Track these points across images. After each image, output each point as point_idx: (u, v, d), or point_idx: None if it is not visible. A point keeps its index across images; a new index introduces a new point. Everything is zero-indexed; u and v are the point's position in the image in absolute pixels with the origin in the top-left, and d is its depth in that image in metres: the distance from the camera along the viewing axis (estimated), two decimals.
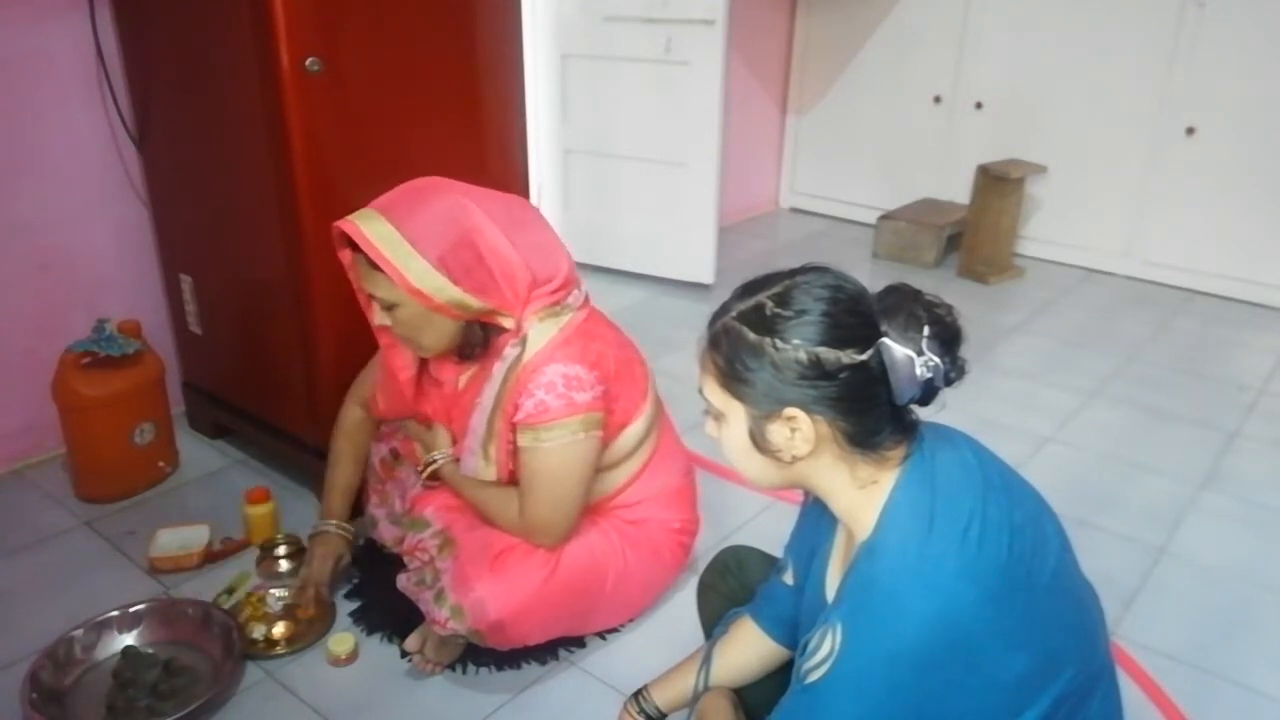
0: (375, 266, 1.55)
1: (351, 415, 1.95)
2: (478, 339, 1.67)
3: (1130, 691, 1.74)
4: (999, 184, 3.81)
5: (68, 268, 2.37)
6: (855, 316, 1.03)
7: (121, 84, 2.33)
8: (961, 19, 4.10)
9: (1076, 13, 3.81)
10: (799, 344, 1.01)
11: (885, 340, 1.01)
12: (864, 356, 1.01)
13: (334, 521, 1.93)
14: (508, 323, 1.64)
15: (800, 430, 1.04)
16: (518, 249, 1.61)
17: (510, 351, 1.64)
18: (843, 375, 1.01)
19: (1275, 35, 3.43)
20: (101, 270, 2.44)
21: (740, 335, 1.05)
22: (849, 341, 1.01)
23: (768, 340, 1.03)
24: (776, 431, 1.06)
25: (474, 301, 1.58)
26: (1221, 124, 3.61)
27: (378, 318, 1.64)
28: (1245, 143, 3.57)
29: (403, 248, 1.53)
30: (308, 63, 1.84)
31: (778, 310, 1.03)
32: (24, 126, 2.23)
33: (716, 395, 1.10)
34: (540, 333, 1.63)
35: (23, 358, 2.32)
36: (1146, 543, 2.21)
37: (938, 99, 4.26)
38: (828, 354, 1.01)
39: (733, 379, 1.06)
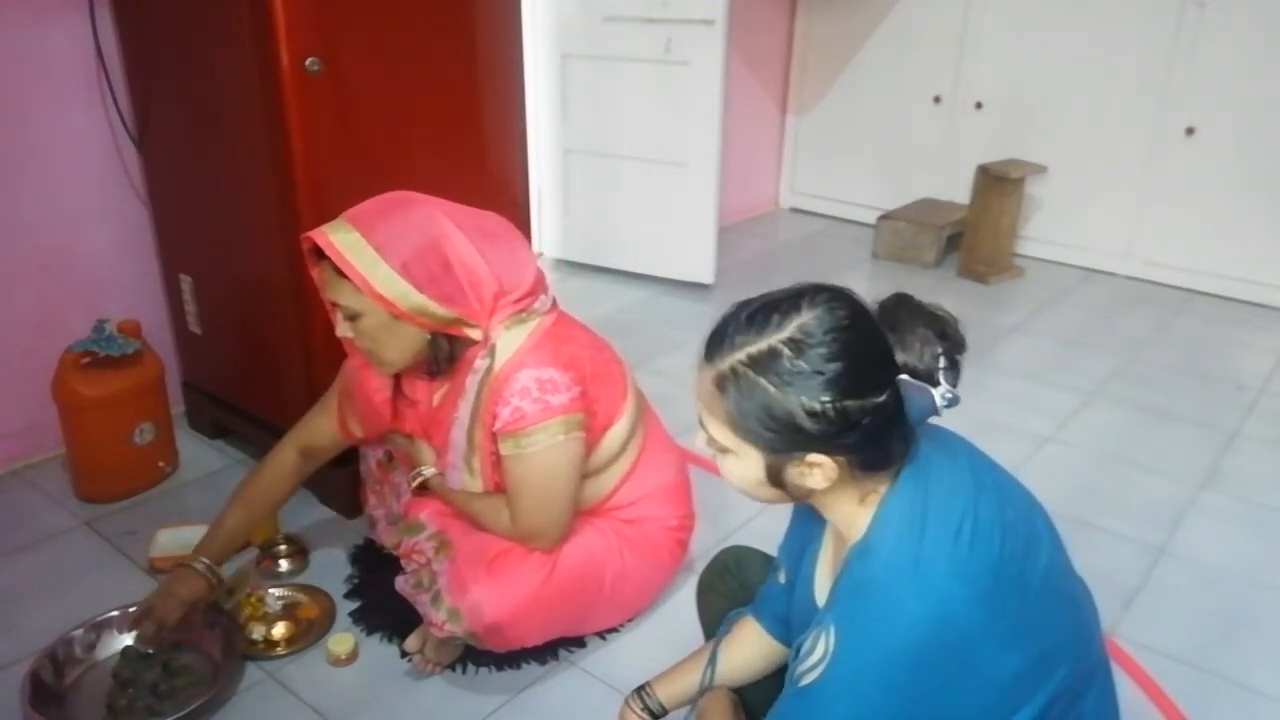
0: (341, 274, 1.53)
1: (283, 458, 1.84)
2: (444, 353, 1.64)
3: (1130, 691, 1.74)
4: (999, 184, 3.81)
5: (68, 268, 2.37)
6: (874, 361, 1.00)
7: (121, 84, 2.33)
8: (961, 19, 4.10)
9: (1076, 13, 3.81)
10: (826, 401, 0.98)
11: (904, 379, 0.99)
12: (883, 398, 0.99)
13: (204, 560, 1.74)
14: (475, 334, 1.62)
15: (822, 470, 1.03)
16: (486, 260, 1.60)
17: (480, 363, 1.63)
18: (865, 420, 0.99)
19: (1275, 35, 3.43)
20: (101, 270, 2.44)
21: (756, 387, 1.00)
22: (872, 389, 0.99)
23: (790, 397, 0.98)
24: (795, 472, 1.04)
25: (438, 309, 1.57)
26: (1221, 124, 3.61)
27: (341, 329, 1.61)
28: (1245, 143, 3.57)
29: (367, 254, 1.52)
30: (308, 63, 1.84)
31: (799, 364, 0.98)
32: (24, 127, 2.23)
33: (727, 438, 1.06)
34: (508, 341, 1.62)
35: (23, 358, 2.32)
36: (1146, 543, 2.21)
37: (938, 99, 4.26)
38: (853, 405, 0.98)
39: (749, 430, 1.03)
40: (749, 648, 1.39)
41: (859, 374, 0.99)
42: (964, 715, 1.02)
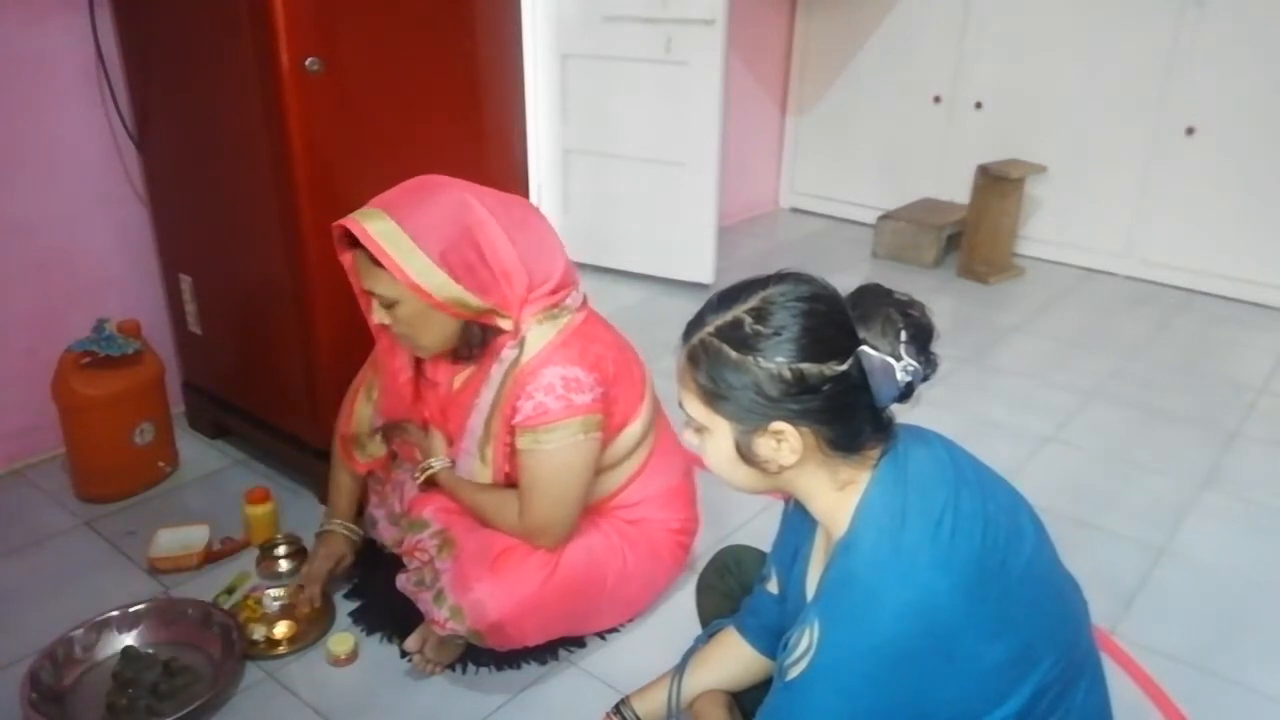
0: (377, 263, 1.54)
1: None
2: (476, 339, 1.66)
3: (1130, 691, 1.74)
4: (999, 184, 3.81)
5: (68, 268, 2.37)
6: (833, 328, 1.03)
7: (121, 84, 2.33)
8: (961, 19, 4.09)
9: (1076, 12, 3.81)
10: (782, 361, 1.02)
11: (864, 349, 1.02)
12: (844, 367, 1.02)
13: (339, 521, 1.93)
14: (505, 324, 1.63)
15: (787, 442, 1.05)
16: (517, 247, 1.61)
17: (508, 353, 1.63)
18: (825, 388, 1.02)
19: (1275, 35, 3.43)
20: (101, 270, 2.44)
21: (721, 353, 1.05)
22: (830, 354, 1.02)
23: (750, 359, 1.03)
24: (763, 445, 1.07)
25: (474, 300, 1.58)
26: (1221, 124, 3.61)
27: (377, 316, 1.63)
28: (1245, 143, 3.57)
29: (405, 243, 1.52)
30: (308, 63, 1.84)
31: (757, 327, 1.03)
32: (24, 126, 2.23)
33: (699, 411, 1.10)
34: (539, 335, 1.63)
35: (23, 358, 2.32)
36: (1146, 543, 2.21)
37: (938, 99, 4.26)
38: (811, 369, 1.01)
39: (716, 397, 1.06)
40: (728, 661, 1.40)
41: (816, 337, 1.02)
42: (949, 706, 1.03)
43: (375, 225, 1.53)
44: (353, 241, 1.57)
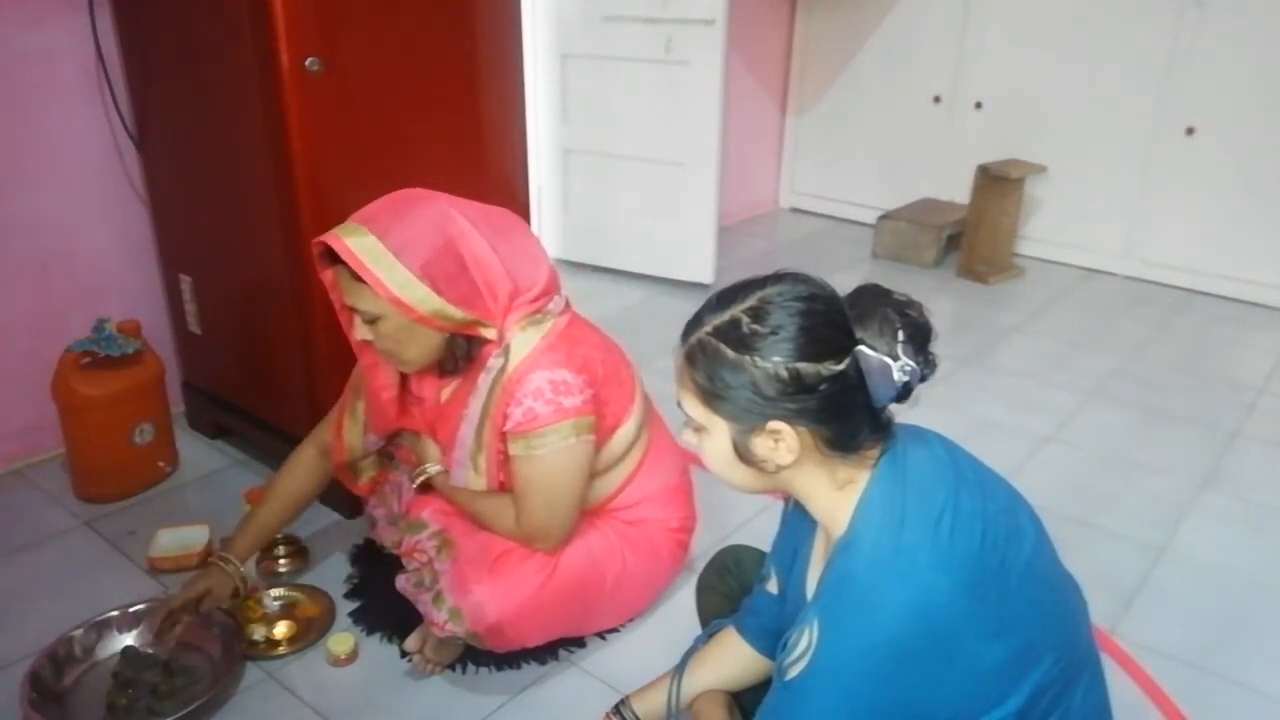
0: (358, 279, 1.53)
1: (304, 455, 1.87)
2: (462, 352, 1.65)
3: (1130, 691, 1.74)
4: (999, 184, 3.81)
5: (68, 268, 2.37)
6: (830, 328, 1.04)
7: (121, 84, 2.33)
8: (961, 19, 4.10)
9: (1076, 12, 3.81)
10: (779, 360, 1.02)
11: (861, 349, 1.02)
12: (841, 366, 1.02)
13: (231, 559, 1.77)
14: (490, 333, 1.62)
15: (784, 441, 1.06)
16: (500, 256, 1.60)
17: (494, 362, 1.63)
18: (822, 387, 1.02)
19: (1275, 35, 3.43)
20: (101, 270, 2.44)
21: (718, 353, 1.05)
22: (826, 354, 1.02)
23: (747, 358, 1.03)
24: (760, 444, 1.07)
25: (456, 312, 1.57)
26: (1221, 124, 3.61)
27: (360, 332, 1.62)
28: (1245, 143, 3.57)
29: (385, 258, 1.51)
30: (308, 63, 1.85)
31: (754, 327, 1.03)
32: (24, 127, 2.23)
33: (697, 411, 1.10)
34: (523, 341, 1.62)
35: (23, 358, 2.32)
36: (1146, 543, 2.21)
37: (937, 99, 4.26)
38: (807, 368, 1.02)
39: (713, 396, 1.07)
40: (728, 661, 1.40)
41: (814, 337, 1.02)
42: (949, 705, 1.03)
43: (355, 240, 1.52)
44: (333, 258, 1.56)
